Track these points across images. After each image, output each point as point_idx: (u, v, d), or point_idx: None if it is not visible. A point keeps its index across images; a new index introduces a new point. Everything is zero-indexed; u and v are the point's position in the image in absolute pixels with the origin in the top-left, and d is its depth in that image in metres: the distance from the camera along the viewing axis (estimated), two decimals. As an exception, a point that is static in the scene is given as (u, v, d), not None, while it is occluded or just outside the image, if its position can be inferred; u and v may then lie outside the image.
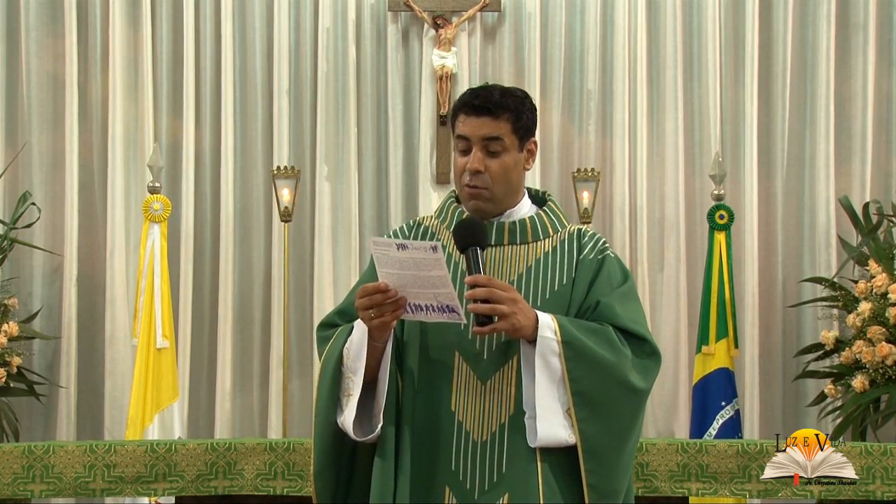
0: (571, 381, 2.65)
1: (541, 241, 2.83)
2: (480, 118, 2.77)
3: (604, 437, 2.66)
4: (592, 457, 2.65)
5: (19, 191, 6.56)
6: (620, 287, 2.80)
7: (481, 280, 2.63)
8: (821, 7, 6.74)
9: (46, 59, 6.79)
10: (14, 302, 6.32)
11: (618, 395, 2.68)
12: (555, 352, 2.65)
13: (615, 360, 2.68)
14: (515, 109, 2.80)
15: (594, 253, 2.83)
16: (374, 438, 2.71)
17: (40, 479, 3.82)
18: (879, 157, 6.74)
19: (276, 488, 3.81)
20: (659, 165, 6.73)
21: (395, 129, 6.75)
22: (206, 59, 6.80)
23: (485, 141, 2.76)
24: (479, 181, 2.77)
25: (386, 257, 2.60)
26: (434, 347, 2.74)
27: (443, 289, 2.59)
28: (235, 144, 6.74)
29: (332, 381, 2.76)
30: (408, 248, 2.58)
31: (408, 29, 6.82)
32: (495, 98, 2.78)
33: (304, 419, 6.61)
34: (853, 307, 6.06)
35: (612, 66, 6.74)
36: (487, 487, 2.67)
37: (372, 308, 2.63)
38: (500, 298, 2.61)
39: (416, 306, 2.63)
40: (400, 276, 2.60)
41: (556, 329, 2.66)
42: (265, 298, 6.70)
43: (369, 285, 2.65)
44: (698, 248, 6.63)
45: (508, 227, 2.82)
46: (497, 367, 2.71)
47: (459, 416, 2.70)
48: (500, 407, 2.70)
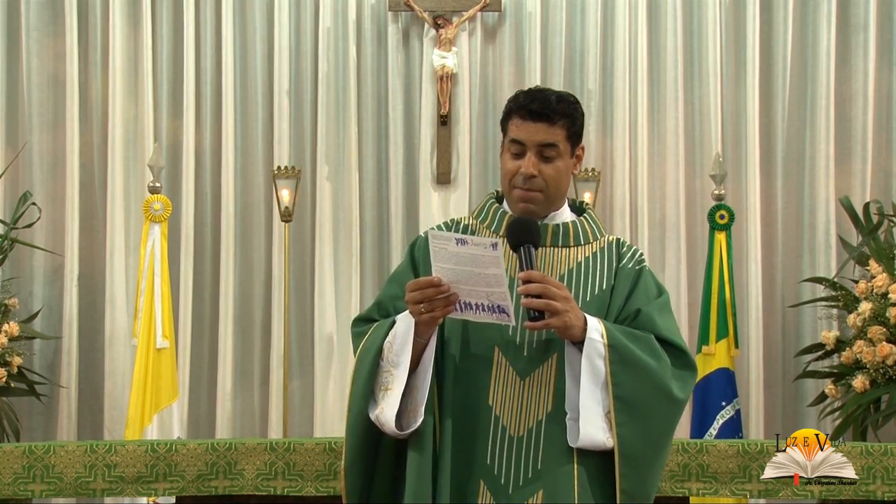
0: (614, 385, 2.67)
1: (581, 246, 2.86)
2: (537, 124, 2.78)
3: (640, 442, 2.68)
4: (628, 461, 2.67)
5: (20, 191, 6.56)
6: (658, 299, 2.85)
7: (536, 276, 2.65)
8: (821, 7, 6.74)
9: (47, 60, 6.79)
10: (14, 302, 6.32)
11: (657, 402, 2.71)
12: (601, 354, 2.67)
13: (657, 367, 2.71)
14: (570, 115, 2.81)
15: (633, 263, 2.87)
16: (405, 434, 2.71)
17: (41, 478, 3.82)
18: (880, 157, 6.74)
19: (277, 488, 3.81)
20: (659, 165, 6.73)
21: (395, 130, 6.75)
22: (206, 59, 6.81)
23: (540, 147, 2.78)
24: (532, 185, 2.80)
25: (443, 251, 2.58)
26: (475, 341, 2.75)
27: (497, 288, 2.58)
28: (236, 144, 6.74)
29: (369, 375, 2.76)
30: (467, 243, 2.56)
31: (408, 29, 6.82)
32: (552, 104, 2.78)
33: (304, 419, 6.62)
34: (853, 307, 6.06)
35: (612, 66, 6.74)
36: (522, 483, 2.69)
37: (423, 302, 2.63)
38: (554, 295, 2.63)
39: (466, 304, 2.62)
40: (455, 271, 2.58)
41: (604, 332, 2.69)
42: (265, 298, 6.70)
43: (422, 279, 2.66)
44: (699, 248, 6.63)
45: (552, 229, 2.85)
46: (537, 363, 2.73)
47: (497, 410, 2.72)
48: (538, 403, 2.72)
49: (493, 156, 6.75)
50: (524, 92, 2.85)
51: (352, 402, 2.78)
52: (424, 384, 2.70)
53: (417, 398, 2.71)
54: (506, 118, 2.84)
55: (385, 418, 2.70)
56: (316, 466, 3.79)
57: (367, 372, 2.76)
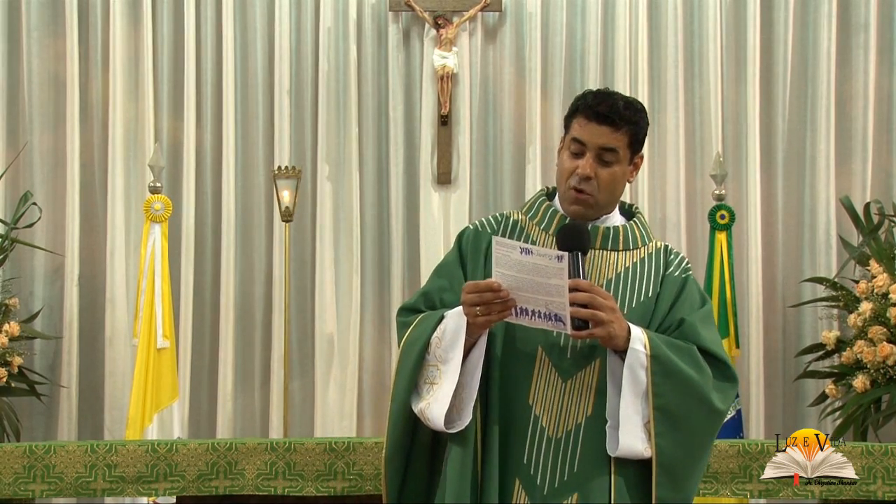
0: (655, 396, 2.66)
1: (630, 251, 2.85)
2: (601, 126, 2.76)
3: (678, 453, 2.68)
4: (665, 471, 2.66)
5: (20, 191, 6.56)
6: (701, 309, 2.83)
7: (584, 285, 2.64)
8: (822, 7, 6.74)
9: (47, 60, 6.79)
10: (15, 302, 6.32)
11: (697, 413, 2.71)
12: (643, 365, 2.66)
13: (699, 378, 2.70)
14: (636, 123, 2.80)
15: (679, 271, 2.87)
16: (451, 432, 2.69)
17: (41, 478, 3.82)
18: (880, 157, 6.73)
19: (277, 488, 3.81)
20: (660, 165, 6.73)
21: (396, 130, 6.75)
22: (207, 59, 6.80)
23: (601, 150, 2.77)
24: (587, 186, 2.78)
25: (506, 258, 2.58)
26: (519, 339, 2.75)
27: (557, 298, 2.58)
28: (236, 144, 6.74)
29: (414, 367, 2.74)
30: (532, 253, 2.57)
31: (409, 29, 6.82)
32: (619, 109, 2.77)
33: (305, 419, 6.62)
34: (854, 307, 6.06)
35: (613, 65, 6.73)
36: (557, 485, 2.68)
37: (480, 305, 2.62)
38: (600, 305, 2.63)
39: (523, 310, 2.62)
40: (516, 278, 2.58)
41: (647, 343, 2.68)
42: (266, 299, 6.70)
43: (481, 282, 2.65)
44: (699, 248, 6.63)
45: (602, 232, 2.84)
46: (580, 367, 2.72)
47: (536, 410, 2.71)
48: (578, 406, 2.71)
49: (493, 156, 6.76)
50: (593, 92, 2.83)
51: (395, 392, 2.76)
52: (473, 383, 2.69)
53: (464, 397, 2.69)
54: (570, 116, 2.82)
55: (432, 414, 2.68)
56: (316, 466, 3.79)
57: (413, 364, 2.74)
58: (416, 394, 2.74)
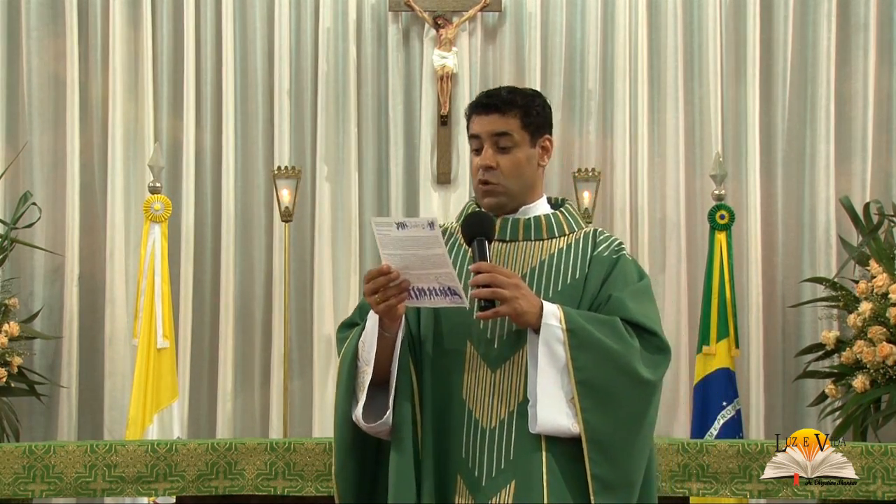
0: (576, 370, 2.64)
1: (555, 238, 2.85)
2: (489, 115, 2.81)
3: (609, 427, 2.65)
4: (597, 447, 2.63)
5: (20, 191, 6.56)
6: (636, 284, 2.81)
7: (484, 266, 2.66)
8: (821, 7, 6.74)
9: (47, 59, 6.79)
10: (15, 302, 6.32)
11: (624, 385, 2.67)
12: (559, 339, 2.65)
13: (622, 350, 2.67)
14: (524, 105, 2.83)
15: (609, 252, 2.84)
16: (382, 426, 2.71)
17: (41, 478, 3.82)
18: (880, 157, 6.73)
19: (277, 488, 3.81)
20: (660, 165, 6.73)
21: (395, 130, 6.75)
22: (206, 59, 6.81)
23: (494, 137, 2.80)
24: (490, 177, 2.81)
25: (387, 238, 2.60)
26: (447, 336, 2.76)
27: (443, 268, 2.59)
28: (236, 144, 6.74)
29: (349, 377, 2.76)
30: (407, 226, 2.58)
31: (408, 29, 6.82)
32: (503, 95, 2.83)
33: (304, 419, 6.62)
34: (854, 307, 6.06)
35: (612, 65, 6.74)
36: (495, 475, 2.67)
37: (377, 293, 2.65)
38: (501, 283, 2.63)
39: (420, 290, 2.63)
40: (402, 256, 2.60)
41: (562, 318, 2.67)
42: (266, 298, 6.70)
43: (373, 269, 2.67)
44: (699, 248, 6.63)
45: (523, 223, 2.84)
46: (507, 356, 2.72)
47: (470, 403, 2.72)
48: (509, 394, 2.70)
49: (493, 156, 6.75)
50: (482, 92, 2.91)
51: (336, 404, 2.79)
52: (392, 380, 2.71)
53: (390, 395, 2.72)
54: (467, 120, 2.87)
55: (356, 415, 2.72)
56: (316, 466, 3.79)
57: (347, 374, 2.77)
58: (354, 401, 2.76)
